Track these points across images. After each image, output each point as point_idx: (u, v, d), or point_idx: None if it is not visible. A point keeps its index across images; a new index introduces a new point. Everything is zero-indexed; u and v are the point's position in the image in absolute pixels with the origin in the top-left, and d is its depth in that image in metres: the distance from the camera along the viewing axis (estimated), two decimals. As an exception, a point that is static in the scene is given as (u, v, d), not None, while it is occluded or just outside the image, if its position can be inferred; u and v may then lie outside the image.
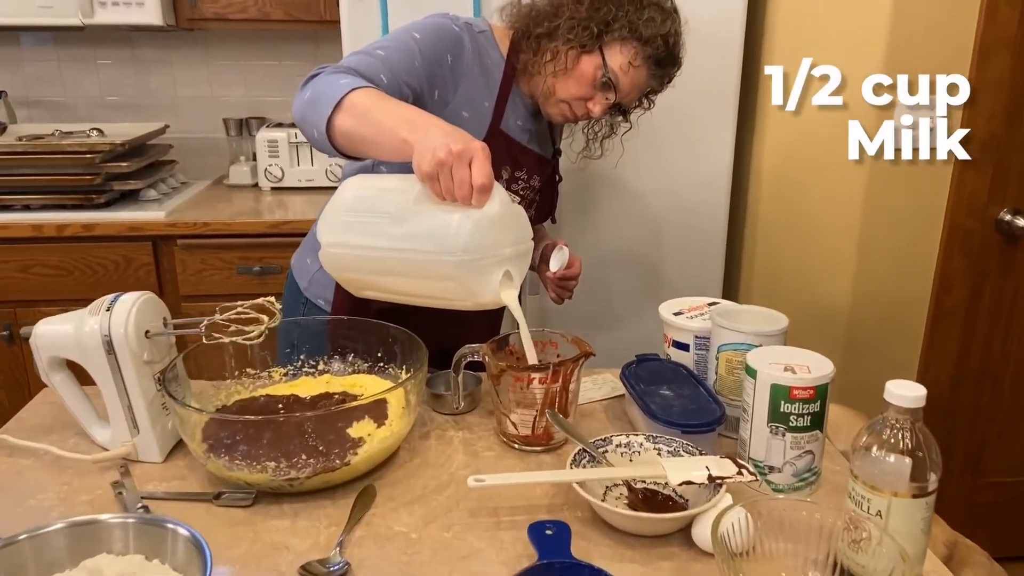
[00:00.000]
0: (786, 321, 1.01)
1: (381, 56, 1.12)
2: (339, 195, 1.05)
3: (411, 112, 1.00)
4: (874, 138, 1.86)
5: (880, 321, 2.04)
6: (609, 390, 1.17)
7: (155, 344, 0.96)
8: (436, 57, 1.17)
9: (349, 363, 1.11)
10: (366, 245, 0.99)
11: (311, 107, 1.03)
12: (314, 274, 1.31)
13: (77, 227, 2.04)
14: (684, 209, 1.96)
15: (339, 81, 1.03)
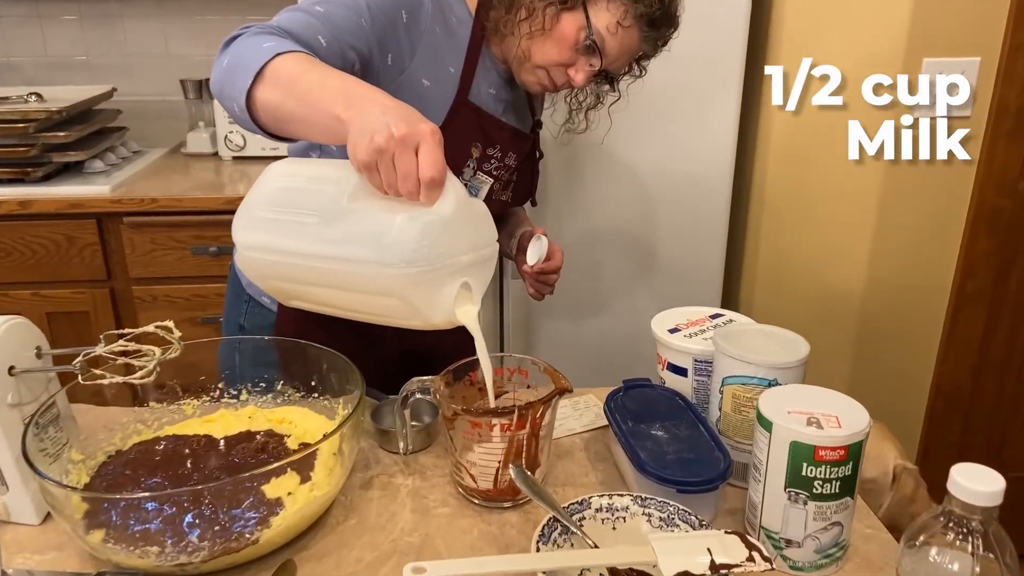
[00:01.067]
0: (807, 349, 0.82)
1: (320, 13, 0.91)
2: (259, 185, 0.86)
3: (348, 83, 0.80)
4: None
5: (896, 308, 1.86)
6: (592, 418, 0.99)
7: (24, 382, 0.78)
8: (388, 15, 0.96)
9: (278, 391, 0.92)
10: (289, 250, 0.80)
11: (229, 76, 0.84)
12: (247, 309, 1.13)
13: (12, 204, 1.84)
14: (683, 188, 1.75)
15: (262, 44, 0.83)
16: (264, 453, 0.83)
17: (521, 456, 0.79)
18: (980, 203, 1.76)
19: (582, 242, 1.79)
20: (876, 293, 1.84)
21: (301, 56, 0.83)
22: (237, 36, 0.88)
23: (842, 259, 1.82)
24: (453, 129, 1.02)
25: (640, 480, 0.79)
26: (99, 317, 1.97)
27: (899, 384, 1.95)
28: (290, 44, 0.84)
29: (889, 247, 1.80)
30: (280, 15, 0.92)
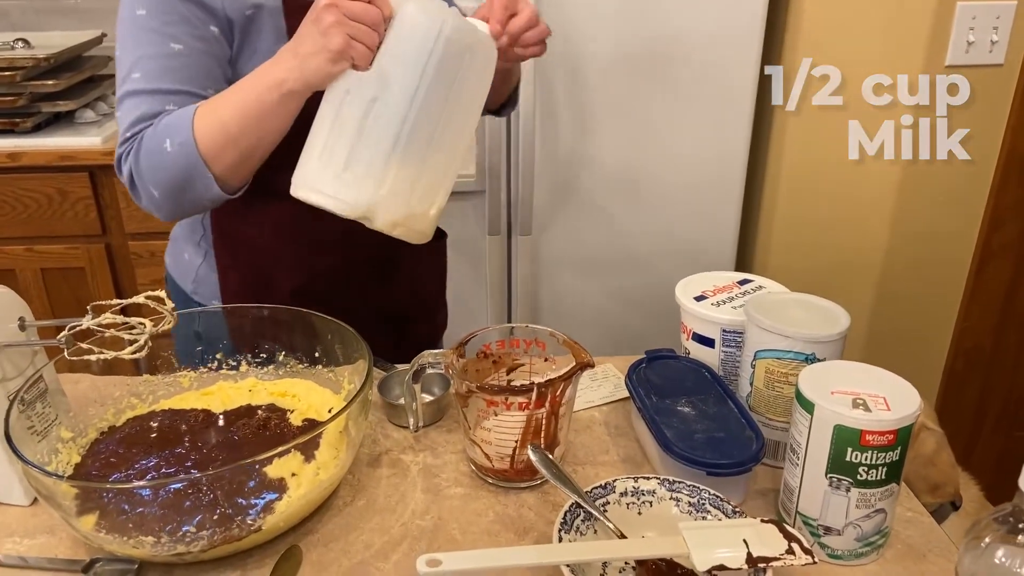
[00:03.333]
0: (847, 321, 0.77)
1: (142, 81, 0.87)
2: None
3: (249, 75, 0.83)
4: (928, 49, 1.59)
5: (920, 263, 1.80)
6: (611, 389, 0.94)
7: (8, 355, 0.72)
8: (186, 16, 0.88)
9: (279, 363, 0.87)
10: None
11: (187, 190, 0.85)
12: (198, 271, 1.04)
13: (1, 156, 1.77)
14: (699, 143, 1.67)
15: (164, 149, 0.83)
16: (266, 430, 0.78)
17: (540, 435, 0.74)
18: (1011, 151, 1.68)
19: (594, 193, 1.72)
20: (898, 246, 1.78)
21: (205, 108, 0.84)
22: (133, 170, 0.87)
23: (865, 213, 1.75)
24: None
25: (666, 460, 0.74)
26: (96, 273, 1.91)
27: (918, 341, 1.90)
28: (181, 129, 0.83)
29: (913, 197, 1.73)
30: (121, 111, 0.89)
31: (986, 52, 1.61)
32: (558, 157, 1.67)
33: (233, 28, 0.90)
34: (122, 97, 0.88)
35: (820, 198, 1.74)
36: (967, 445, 2.01)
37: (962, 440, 1.99)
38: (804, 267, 1.80)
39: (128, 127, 0.87)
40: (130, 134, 0.87)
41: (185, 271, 1.05)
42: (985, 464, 2.02)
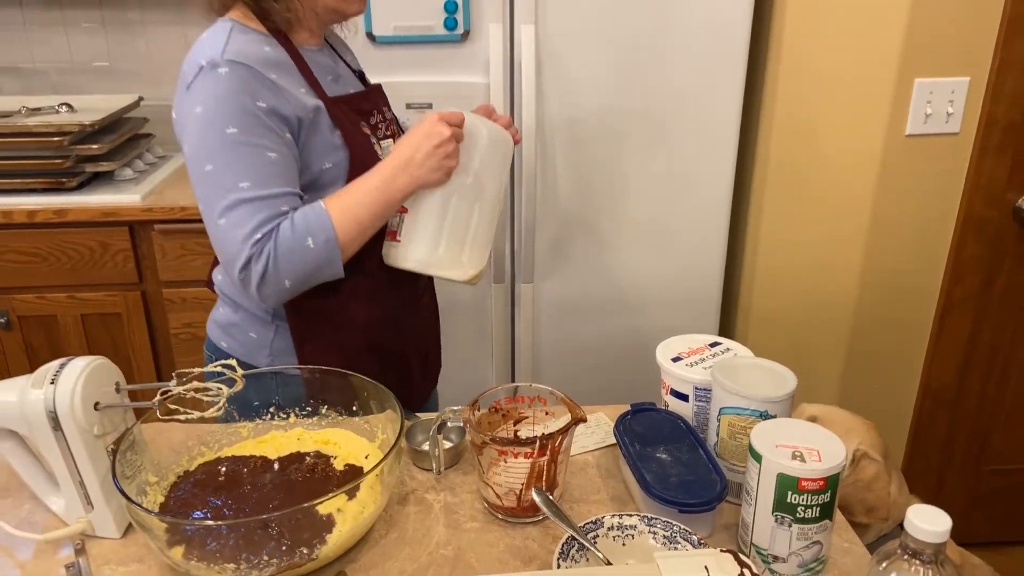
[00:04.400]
0: (794, 383, 0.93)
1: (247, 188, 1.01)
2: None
3: (377, 178, 1.06)
4: (889, 121, 1.76)
5: (887, 311, 1.96)
6: (603, 436, 1.10)
7: (107, 414, 0.88)
8: (269, 126, 1.03)
9: (323, 415, 1.03)
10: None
11: (316, 278, 1.07)
12: (273, 343, 1.19)
13: (48, 213, 1.94)
14: (686, 196, 1.85)
15: (307, 246, 1.03)
16: (314, 473, 0.94)
17: (542, 479, 0.90)
18: (968, 213, 1.85)
19: (590, 244, 1.89)
20: (868, 297, 1.94)
21: (338, 205, 1.05)
22: (265, 270, 1.02)
23: (836, 264, 1.92)
24: (343, 126, 1.11)
25: (646, 500, 0.90)
26: (131, 318, 2.08)
27: (890, 382, 2.06)
28: (305, 219, 1.03)
29: (881, 253, 1.90)
30: (237, 217, 1.01)
31: (943, 123, 1.79)
32: (557, 212, 1.85)
33: (299, 129, 1.07)
34: (232, 205, 1.00)
35: (798, 248, 1.90)
36: (938, 478, 2.16)
37: (933, 474, 2.15)
38: (783, 316, 1.97)
39: (252, 231, 1.00)
40: (259, 235, 1.00)
41: (256, 349, 1.20)
42: (956, 496, 2.18)
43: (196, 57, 1.04)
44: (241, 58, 1.02)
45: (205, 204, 1.04)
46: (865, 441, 1.28)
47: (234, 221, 1.01)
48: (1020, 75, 1.73)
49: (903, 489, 1.32)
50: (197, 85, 1.01)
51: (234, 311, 1.22)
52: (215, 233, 1.04)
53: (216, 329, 1.25)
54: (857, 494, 1.23)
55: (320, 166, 1.09)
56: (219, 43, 1.03)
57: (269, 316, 1.18)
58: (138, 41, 2.42)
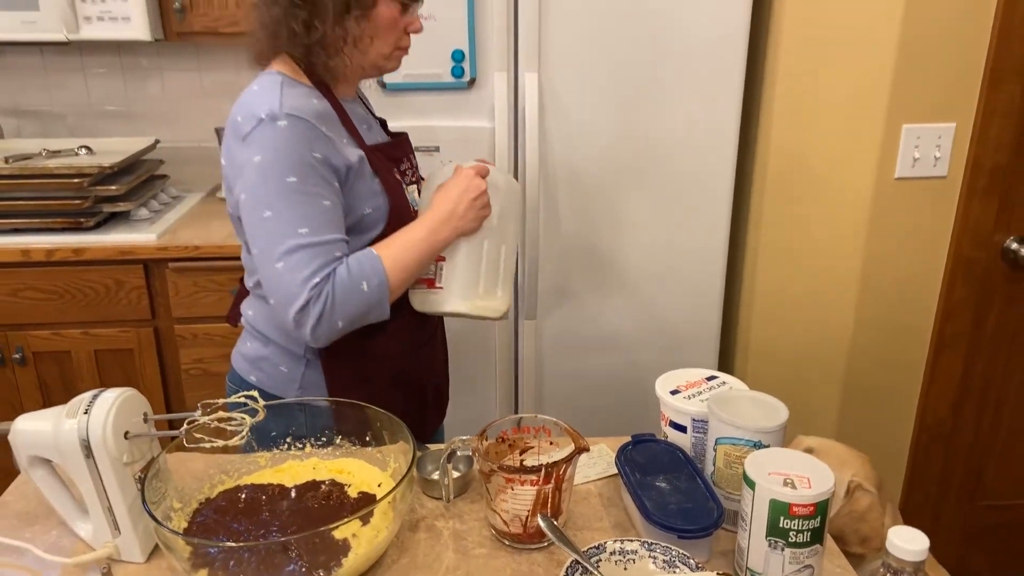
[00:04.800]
0: (786, 414, 0.98)
1: (306, 235, 1.08)
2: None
3: (424, 229, 1.18)
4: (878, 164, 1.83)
5: (882, 349, 2.01)
6: (604, 467, 1.15)
7: (135, 443, 0.93)
8: (324, 176, 1.11)
9: (337, 445, 1.08)
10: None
11: (365, 319, 1.15)
12: (303, 378, 1.25)
13: (67, 251, 2.01)
14: (684, 236, 1.92)
15: (362, 289, 1.11)
16: (329, 500, 0.99)
17: (547, 506, 0.95)
18: (958, 253, 1.91)
19: (591, 282, 1.95)
20: (863, 333, 2.00)
21: (388, 253, 1.15)
22: (322, 312, 1.09)
23: (831, 302, 1.97)
24: (381, 174, 1.19)
25: (647, 526, 0.94)
26: (143, 353, 2.13)
27: (886, 417, 2.10)
28: (360, 265, 1.12)
29: (874, 291, 1.96)
30: (297, 261, 1.08)
31: (931, 166, 1.85)
32: (560, 250, 1.91)
33: (346, 177, 1.14)
34: (291, 250, 1.07)
35: (794, 286, 1.96)
36: (935, 513, 2.19)
37: (930, 508, 2.18)
38: (781, 352, 2.02)
39: (311, 275, 1.07)
40: (318, 279, 1.08)
41: (286, 383, 1.25)
42: (952, 531, 2.21)
43: (253, 109, 1.09)
44: (298, 112, 1.08)
45: (262, 248, 1.09)
46: (859, 473, 1.32)
47: (292, 265, 1.08)
48: (1004, 121, 1.81)
49: (897, 520, 1.36)
50: (256, 136, 1.07)
51: (264, 345, 1.27)
52: (272, 276, 1.09)
53: (243, 363, 1.29)
54: (852, 525, 1.27)
55: (362, 211, 1.17)
56: (274, 96, 1.09)
57: (301, 351, 1.24)
58: (154, 86, 2.52)
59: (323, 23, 1.11)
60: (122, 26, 2.07)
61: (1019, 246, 1.90)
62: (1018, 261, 1.91)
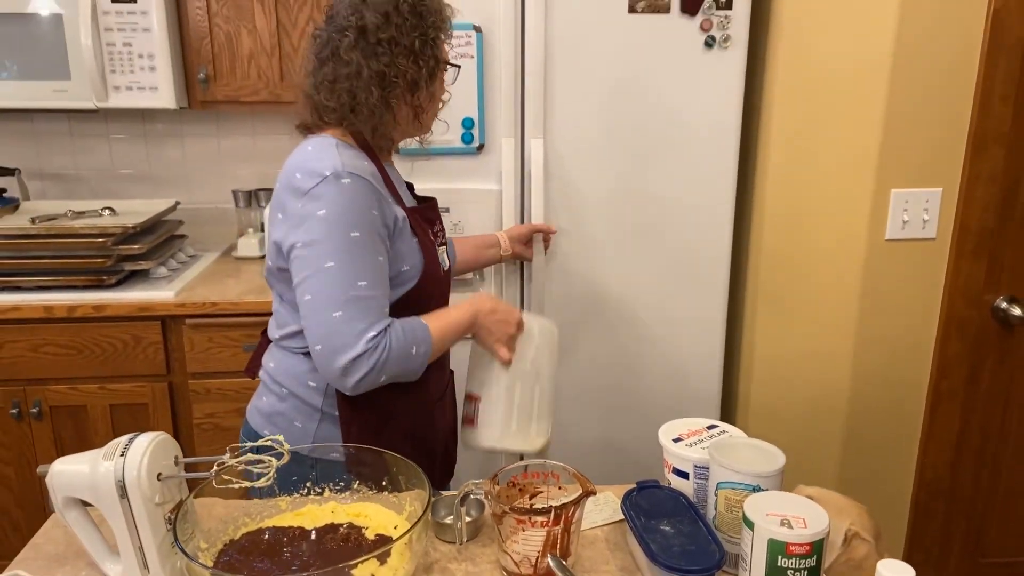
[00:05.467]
0: (783, 459, 1.03)
1: (365, 287, 1.17)
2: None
3: (464, 321, 1.30)
4: (869, 226, 1.91)
5: (880, 405, 2.06)
6: (611, 512, 1.19)
7: (166, 485, 0.98)
8: (380, 234, 1.20)
9: (354, 490, 1.13)
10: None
11: (403, 376, 1.24)
12: (316, 434, 1.30)
13: (88, 308, 2.08)
14: (685, 295, 1.99)
15: (411, 353, 1.22)
16: (348, 542, 1.03)
17: (556, 547, 0.99)
18: (949, 313, 1.98)
19: (597, 331, 2.01)
20: (861, 389, 2.05)
21: (435, 325, 1.26)
22: (370, 370, 1.17)
23: (829, 358, 2.03)
24: (419, 234, 1.28)
25: (652, 568, 0.99)
26: (157, 408, 2.18)
27: (886, 472, 2.13)
28: (413, 330, 1.22)
29: (870, 349, 2.01)
30: (354, 312, 1.16)
31: (920, 228, 1.94)
32: (565, 306, 1.98)
33: (392, 236, 1.23)
34: (350, 300, 1.14)
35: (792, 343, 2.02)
36: (938, 570, 2.20)
37: (932, 566, 2.19)
38: (781, 408, 2.06)
39: (367, 328, 1.15)
40: (374, 333, 1.15)
41: (300, 439, 1.29)
42: (956, 589, 2.21)
43: (314, 167, 1.17)
44: (358, 171, 1.17)
45: (320, 296, 1.15)
46: (856, 522, 1.36)
47: (351, 315, 1.14)
48: (988, 185, 1.89)
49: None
50: (321, 191, 1.15)
51: (280, 400, 1.32)
52: (326, 323, 1.15)
53: (259, 417, 1.34)
54: (849, 573, 1.30)
55: (400, 268, 1.25)
56: (334, 156, 1.18)
57: (317, 405, 1.29)
58: (174, 150, 2.63)
59: (398, 100, 1.23)
60: (149, 95, 2.18)
61: (1008, 305, 1.97)
62: (1008, 320, 1.97)
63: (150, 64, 2.17)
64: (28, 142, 2.58)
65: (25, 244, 2.09)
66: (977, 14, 1.80)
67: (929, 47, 1.81)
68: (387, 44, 1.20)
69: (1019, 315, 1.95)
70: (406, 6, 1.21)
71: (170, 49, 2.17)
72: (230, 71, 2.28)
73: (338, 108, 1.23)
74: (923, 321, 2.00)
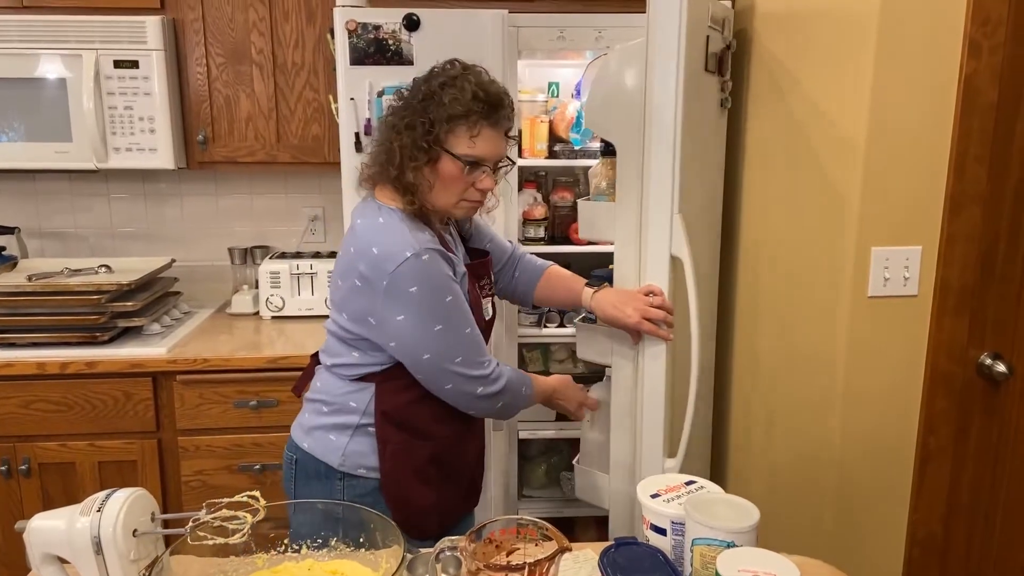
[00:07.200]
0: (757, 515, 1.04)
1: (470, 333, 1.41)
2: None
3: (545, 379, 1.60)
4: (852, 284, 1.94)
5: (869, 461, 2.05)
6: (589, 571, 1.19)
7: (142, 542, 0.99)
8: (456, 289, 1.40)
9: (332, 547, 1.13)
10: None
11: (506, 413, 1.52)
12: (347, 447, 1.44)
13: (80, 364, 2.10)
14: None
15: (522, 393, 1.51)
16: (324, 600, 1.03)
17: (531, 604, 0.99)
18: (934, 370, 1.99)
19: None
20: (849, 449, 2.04)
21: (535, 379, 1.55)
22: (499, 391, 1.45)
23: (815, 416, 2.03)
24: (469, 288, 1.46)
25: (626, 625, 0.98)
26: (145, 465, 2.18)
27: (878, 533, 2.11)
28: (523, 375, 1.52)
29: (856, 405, 2.02)
30: (472, 353, 1.41)
31: (901, 286, 1.96)
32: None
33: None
34: (462, 344, 1.39)
35: (778, 402, 2.03)
36: (934, 633, 2.16)
37: (929, 626, 2.15)
38: (769, 475, 2.06)
39: (487, 354, 1.44)
40: (491, 358, 1.44)
41: (331, 450, 1.45)
42: (954, 652, 2.17)
43: (392, 251, 1.33)
44: (429, 245, 1.35)
45: (438, 355, 1.37)
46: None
47: (471, 353, 1.40)
48: (967, 244, 1.92)
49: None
50: (408, 270, 1.32)
51: (319, 415, 1.48)
52: (450, 373, 1.39)
53: (299, 431, 1.51)
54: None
55: None
56: (405, 234, 1.35)
57: (352, 425, 1.45)
58: (173, 209, 2.68)
59: (399, 168, 1.36)
60: (149, 156, 2.24)
61: (993, 362, 1.98)
62: (994, 376, 1.98)
63: (150, 126, 2.23)
64: (29, 201, 2.63)
65: (20, 301, 2.12)
66: (950, 79, 1.85)
67: (904, 110, 1.86)
68: (399, 121, 1.37)
69: (1004, 372, 1.95)
70: (420, 93, 1.36)
71: (170, 112, 2.24)
72: (228, 133, 2.34)
73: (371, 170, 1.42)
74: (909, 378, 2.01)
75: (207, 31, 2.28)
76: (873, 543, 2.12)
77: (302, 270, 2.47)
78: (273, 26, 2.30)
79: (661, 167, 1.61)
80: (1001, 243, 1.94)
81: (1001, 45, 1.83)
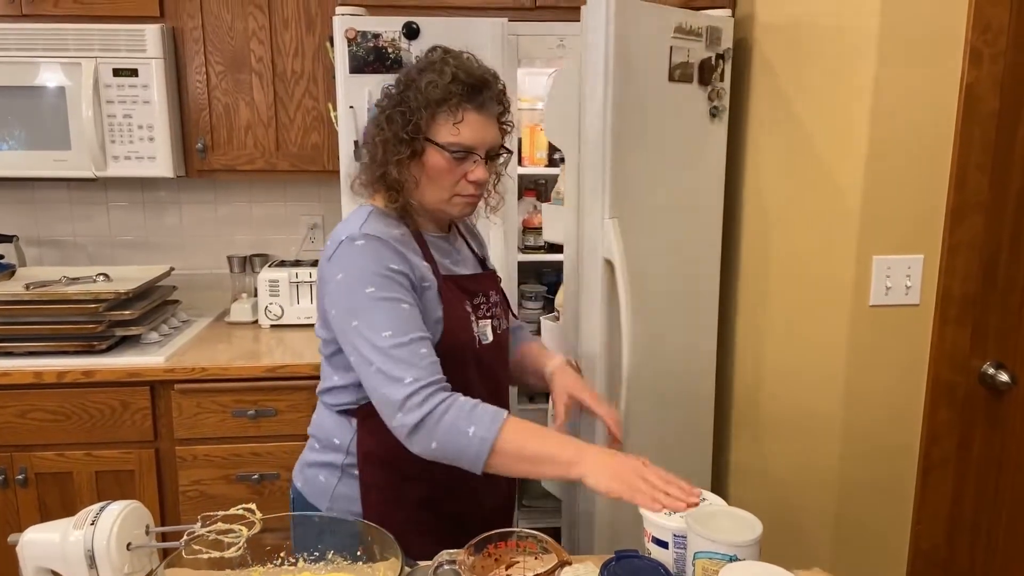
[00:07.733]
0: (760, 529, 1.02)
1: (393, 337, 1.18)
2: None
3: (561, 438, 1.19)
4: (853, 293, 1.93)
5: (871, 472, 2.04)
6: (590, 584, 1.17)
7: (136, 555, 0.98)
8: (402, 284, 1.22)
9: (329, 560, 1.12)
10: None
11: (456, 461, 1.17)
12: (335, 490, 1.33)
13: (77, 373, 2.08)
14: (674, 370, 1.99)
15: (466, 431, 1.14)
16: (320, 614, 1.02)
17: (530, 619, 0.98)
18: (936, 380, 1.98)
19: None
20: (852, 460, 2.03)
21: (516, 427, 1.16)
22: (423, 419, 1.14)
23: (817, 427, 2.02)
24: (447, 302, 1.29)
25: (627, 640, 0.97)
26: (143, 475, 2.16)
27: (881, 545, 2.09)
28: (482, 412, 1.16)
29: (858, 416, 2.01)
30: (397, 370, 1.16)
31: (903, 295, 1.95)
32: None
33: (417, 292, 1.25)
34: (378, 351, 1.16)
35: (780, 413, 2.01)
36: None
37: (932, 639, 2.13)
38: (772, 489, 2.05)
39: (403, 375, 1.15)
40: (411, 379, 1.15)
41: (319, 492, 1.34)
42: (957, 665, 2.15)
43: (337, 234, 1.24)
44: (375, 232, 1.22)
45: (357, 355, 1.19)
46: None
47: (385, 366, 1.16)
48: (969, 253, 1.91)
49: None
50: (337, 255, 1.22)
51: (311, 452, 1.38)
52: (370, 377, 1.19)
53: (297, 467, 1.42)
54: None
55: (427, 323, 1.26)
56: (359, 222, 1.25)
57: (338, 466, 1.33)
58: (172, 217, 2.67)
59: (382, 165, 1.26)
60: (147, 164, 2.23)
61: (995, 371, 1.97)
62: (996, 386, 1.97)
63: (149, 135, 2.23)
64: (28, 210, 2.62)
65: (18, 310, 2.10)
66: (951, 87, 1.85)
67: (905, 119, 1.86)
68: (380, 116, 1.28)
69: (1007, 381, 1.94)
70: (401, 84, 1.28)
71: (169, 120, 2.23)
72: (227, 141, 2.34)
73: (358, 174, 1.32)
74: (911, 387, 2.00)
75: (206, 39, 2.28)
76: (876, 555, 2.10)
77: (301, 278, 2.46)
78: (273, 34, 2.29)
79: (593, 175, 1.70)
80: (1003, 252, 1.93)
81: (1002, 53, 1.82)
